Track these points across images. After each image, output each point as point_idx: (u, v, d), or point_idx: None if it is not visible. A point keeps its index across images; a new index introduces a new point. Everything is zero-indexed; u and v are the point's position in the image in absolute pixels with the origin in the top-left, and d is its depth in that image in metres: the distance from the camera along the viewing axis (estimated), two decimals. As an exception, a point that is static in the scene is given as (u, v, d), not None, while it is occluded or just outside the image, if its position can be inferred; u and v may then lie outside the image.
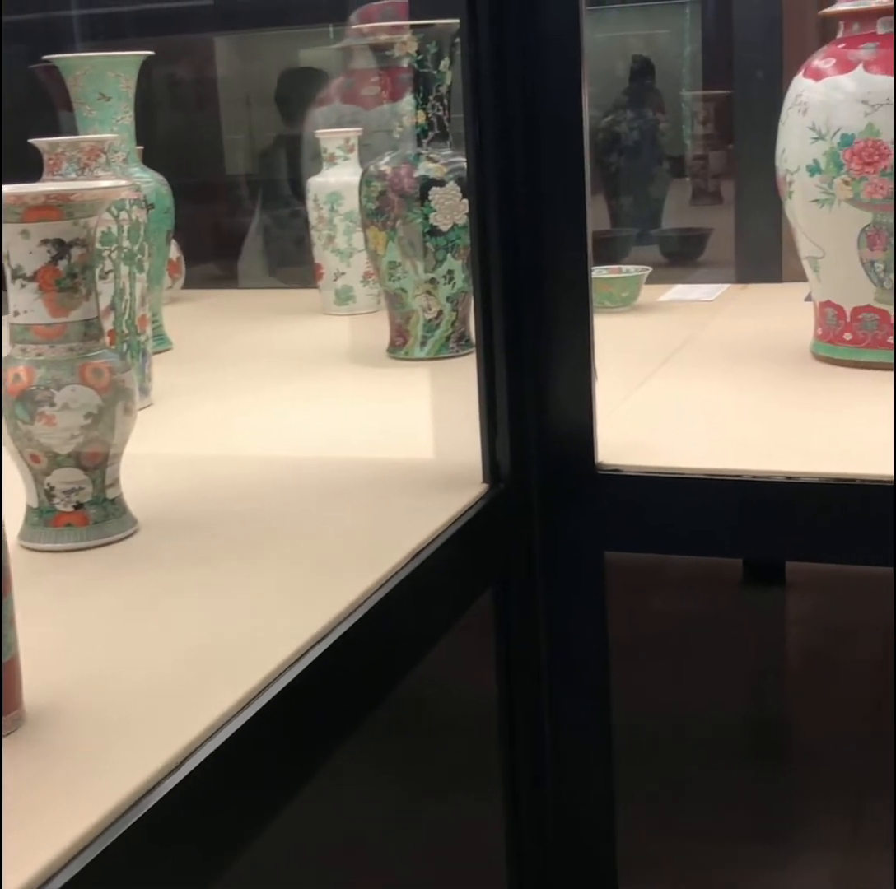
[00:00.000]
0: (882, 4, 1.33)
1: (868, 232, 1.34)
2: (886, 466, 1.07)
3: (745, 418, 1.27)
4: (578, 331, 1.09)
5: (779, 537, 1.12)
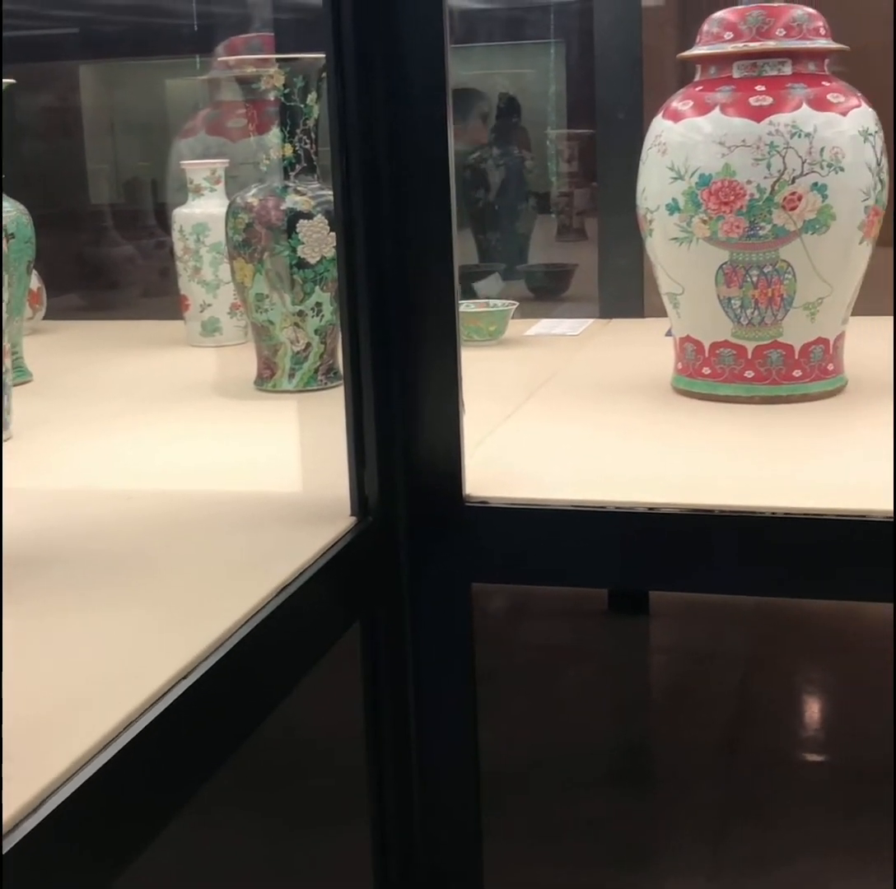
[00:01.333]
0: (737, 49, 1.37)
1: (725, 269, 1.38)
2: (742, 497, 1.10)
3: (608, 450, 1.29)
4: (446, 364, 1.10)
5: (641, 567, 1.14)
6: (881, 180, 1.38)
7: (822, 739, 1.82)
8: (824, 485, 1.14)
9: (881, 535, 1.05)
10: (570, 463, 1.26)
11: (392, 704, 1.13)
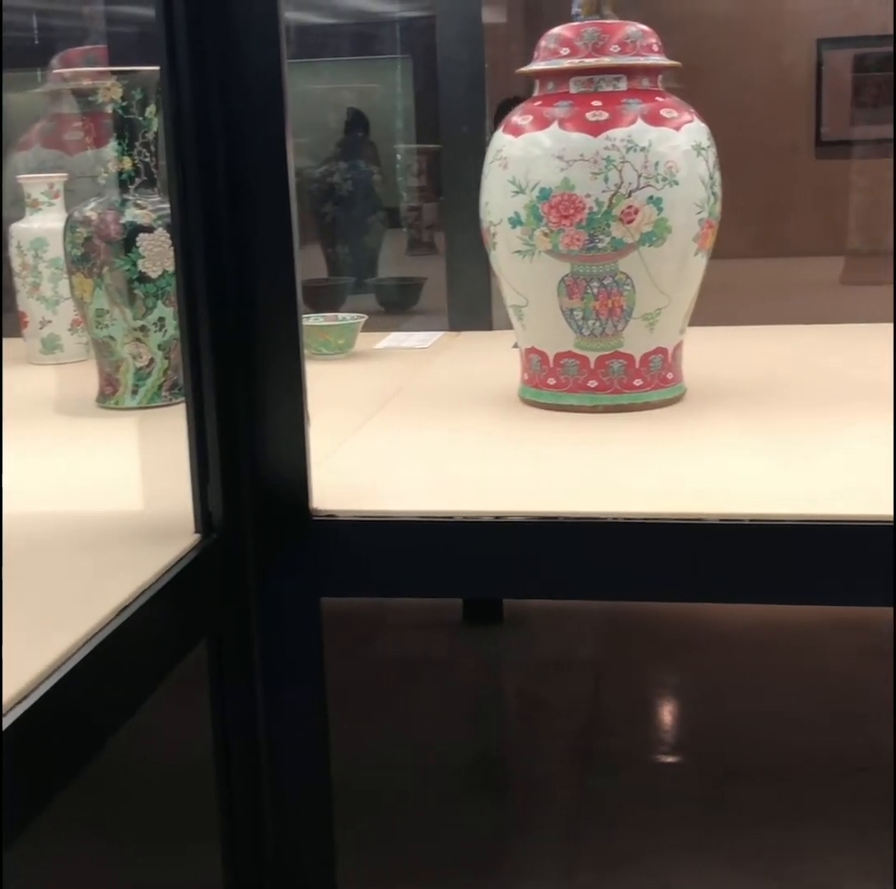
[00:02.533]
0: (573, 65, 1.40)
1: (567, 281, 1.40)
2: (587, 503, 1.12)
3: (456, 461, 1.30)
4: (290, 378, 1.09)
5: (491, 576, 1.14)
6: (714, 193, 1.42)
7: (672, 741, 1.85)
8: (665, 490, 1.17)
9: (717, 537, 1.08)
10: (418, 474, 1.27)
11: (241, 723, 1.12)
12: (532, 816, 1.65)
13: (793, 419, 1.40)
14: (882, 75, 3.30)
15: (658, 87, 1.43)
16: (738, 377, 1.61)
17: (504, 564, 1.13)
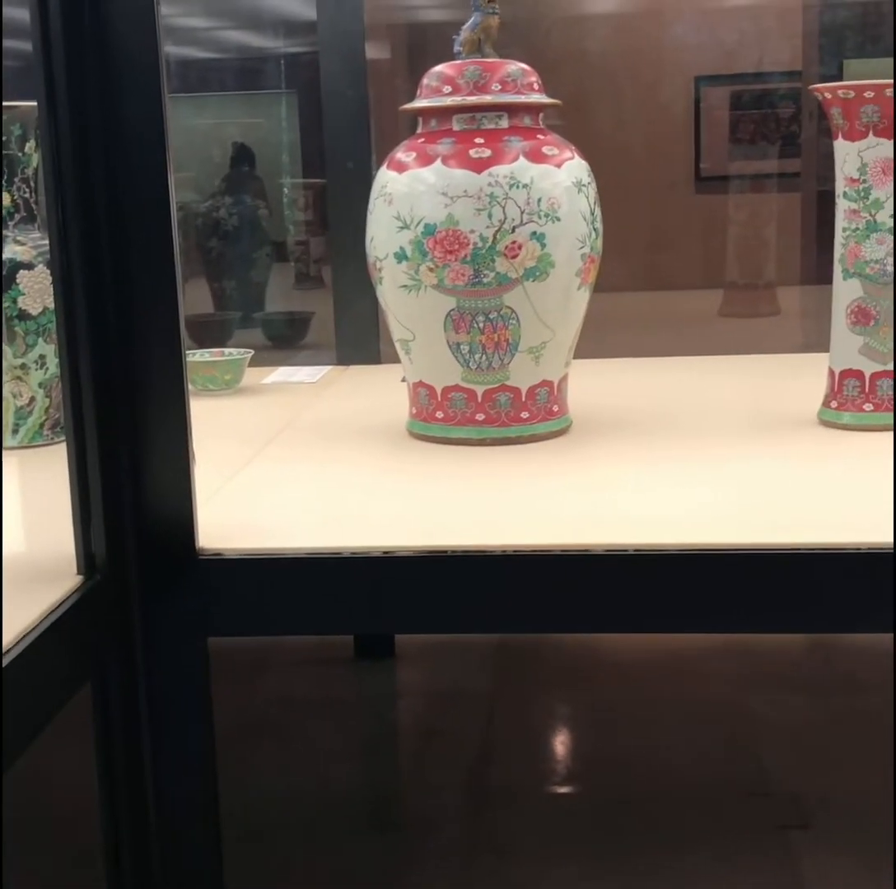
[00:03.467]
0: (456, 103, 1.41)
1: (453, 316, 1.41)
2: (476, 537, 1.12)
3: (345, 496, 1.30)
4: (174, 415, 1.08)
5: (381, 611, 1.14)
6: (596, 229, 1.44)
7: (566, 771, 1.86)
8: (553, 521, 1.18)
9: (603, 567, 1.09)
10: (306, 510, 1.26)
11: (127, 766, 1.09)
12: (426, 850, 1.64)
13: (675, 449, 1.43)
14: (758, 112, 3.40)
15: (539, 124, 1.45)
16: (622, 408, 1.63)
17: (394, 599, 1.13)
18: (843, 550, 1.07)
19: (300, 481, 1.37)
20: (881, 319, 1.44)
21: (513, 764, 1.86)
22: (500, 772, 1.84)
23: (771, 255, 3.10)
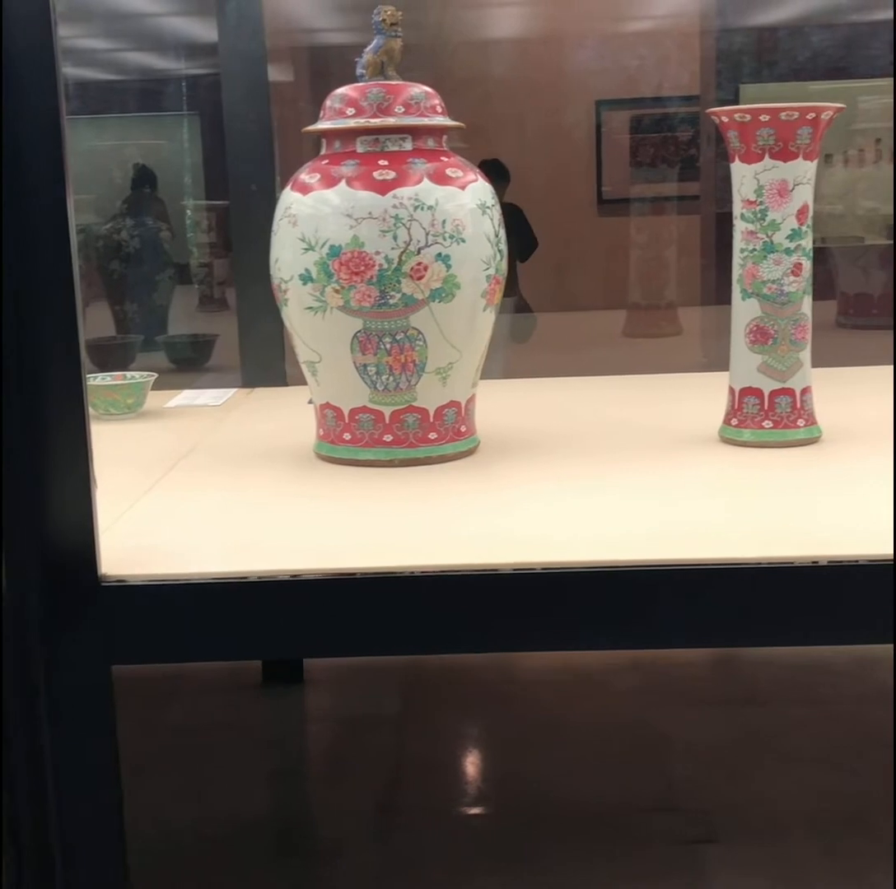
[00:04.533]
0: (360, 125, 1.41)
1: (360, 337, 1.41)
2: (385, 558, 1.12)
3: (251, 520, 1.28)
4: (75, 440, 1.06)
5: (289, 635, 1.13)
6: (500, 251, 1.45)
7: (476, 793, 1.86)
8: (461, 542, 1.18)
9: (511, 587, 1.10)
10: (212, 534, 1.25)
11: (30, 797, 1.07)
12: (337, 873, 1.63)
13: (581, 468, 1.44)
14: (657, 136, 3.45)
15: (443, 146, 1.46)
16: (529, 428, 1.64)
17: (302, 623, 1.12)
18: (752, 565, 1.09)
19: (205, 506, 1.35)
20: (779, 338, 1.47)
21: (423, 786, 1.86)
22: (410, 794, 1.83)
23: (672, 276, 3.15)
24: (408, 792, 1.84)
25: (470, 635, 1.14)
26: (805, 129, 1.42)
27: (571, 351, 2.64)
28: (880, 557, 1.09)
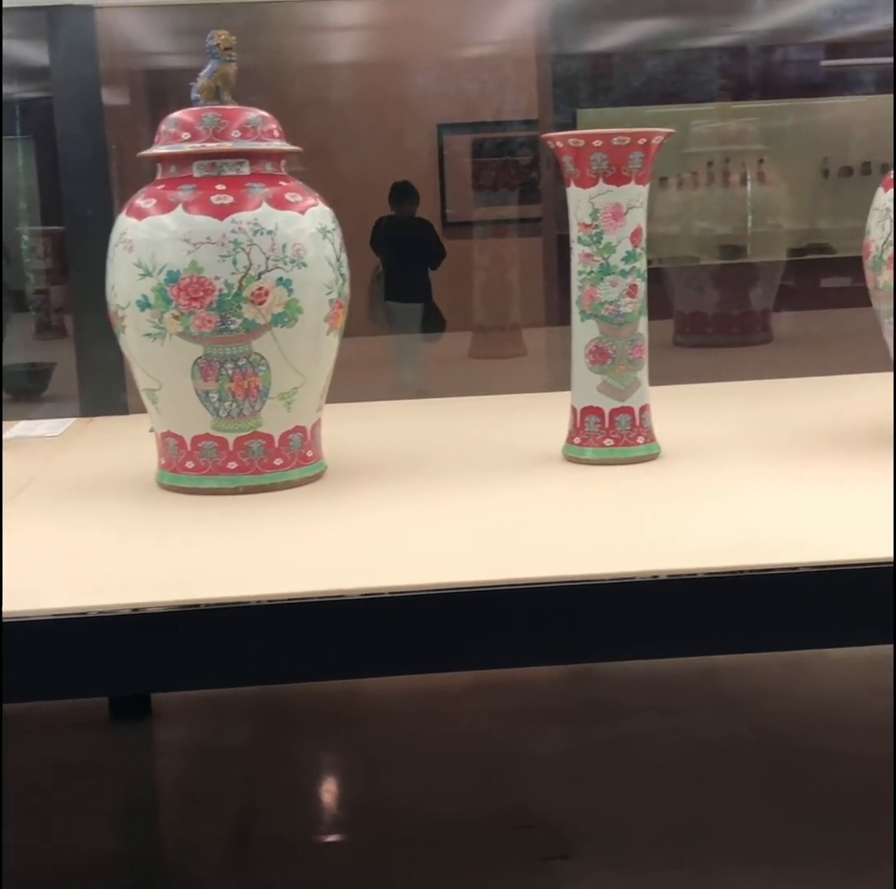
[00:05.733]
0: (196, 149, 1.40)
1: (201, 363, 1.39)
2: (231, 588, 1.10)
3: (92, 553, 1.25)
4: None
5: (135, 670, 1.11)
6: (342, 274, 1.45)
7: (333, 819, 1.85)
8: (309, 568, 1.17)
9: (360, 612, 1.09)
10: (50, 571, 1.21)
11: None
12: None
13: (428, 491, 1.44)
14: (499, 160, 3.50)
15: (281, 171, 1.45)
16: (376, 451, 1.64)
17: (147, 657, 1.09)
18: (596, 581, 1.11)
19: (44, 540, 1.32)
20: (617, 358, 1.50)
21: (278, 815, 1.83)
22: (266, 824, 1.80)
23: (516, 297, 3.19)
24: (263, 821, 1.81)
25: (319, 662, 1.13)
26: (637, 153, 1.45)
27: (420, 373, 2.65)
28: (719, 570, 1.12)
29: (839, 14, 3.34)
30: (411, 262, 3.31)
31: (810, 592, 1.13)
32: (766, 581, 1.12)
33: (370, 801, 1.87)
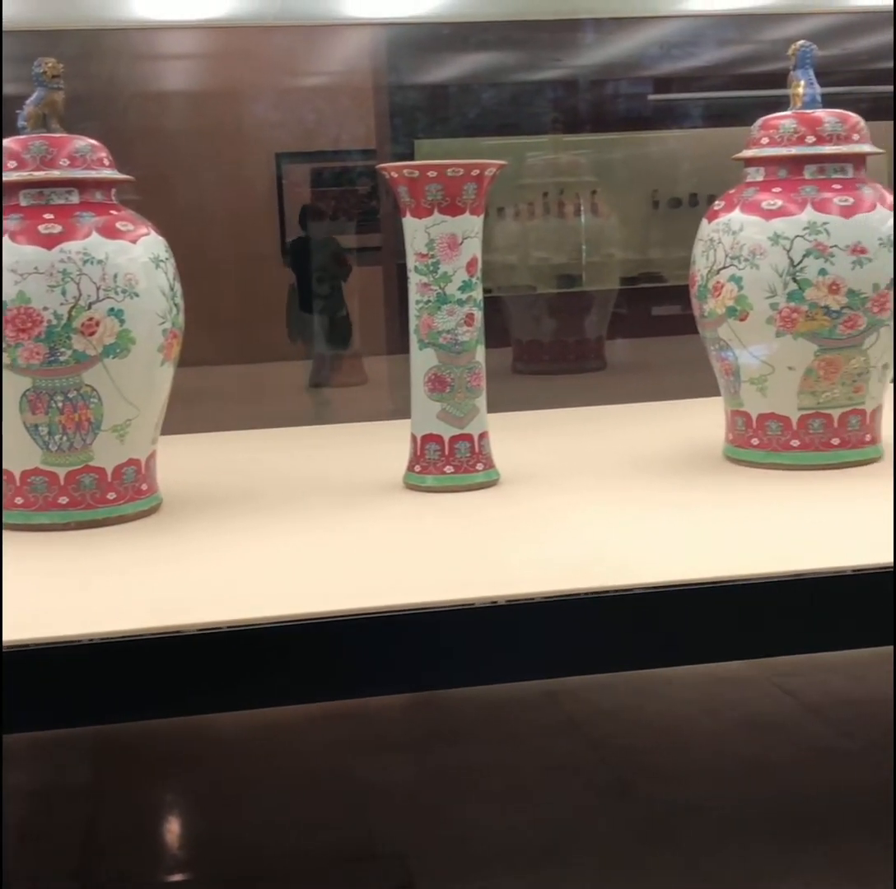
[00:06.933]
0: (22, 178, 1.37)
1: (29, 396, 1.36)
2: (63, 627, 1.07)
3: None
4: None
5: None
6: (176, 304, 1.43)
7: (180, 857, 1.81)
8: (144, 604, 1.15)
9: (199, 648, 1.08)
10: None
11: None
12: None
13: (268, 523, 1.43)
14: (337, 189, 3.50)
15: (112, 200, 1.43)
16: (213, 484, 1.62)
17: None
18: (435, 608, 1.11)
19: None
20: (456, 386, 1.51)
21: (122, 855, 1.78)
22: (109, 865, 1.75)
23: (357, 326, 3.20)
24: (107, 863, 1.76)
25: (157, 699, 1.11)
26: (470, 184, 1.47)
27: (256, 403, 2.63)
28: (557, 593, 1.14)
29: (666, 49, 3.45)
30: (323, 278, 3.32)
31: (644, 614, 1.16)
32: (605, 603, 1.15)
33: (216, 837, 1.83)
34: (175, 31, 3.12)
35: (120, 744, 2.09)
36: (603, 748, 2.01)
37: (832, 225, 1.51)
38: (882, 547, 1.23)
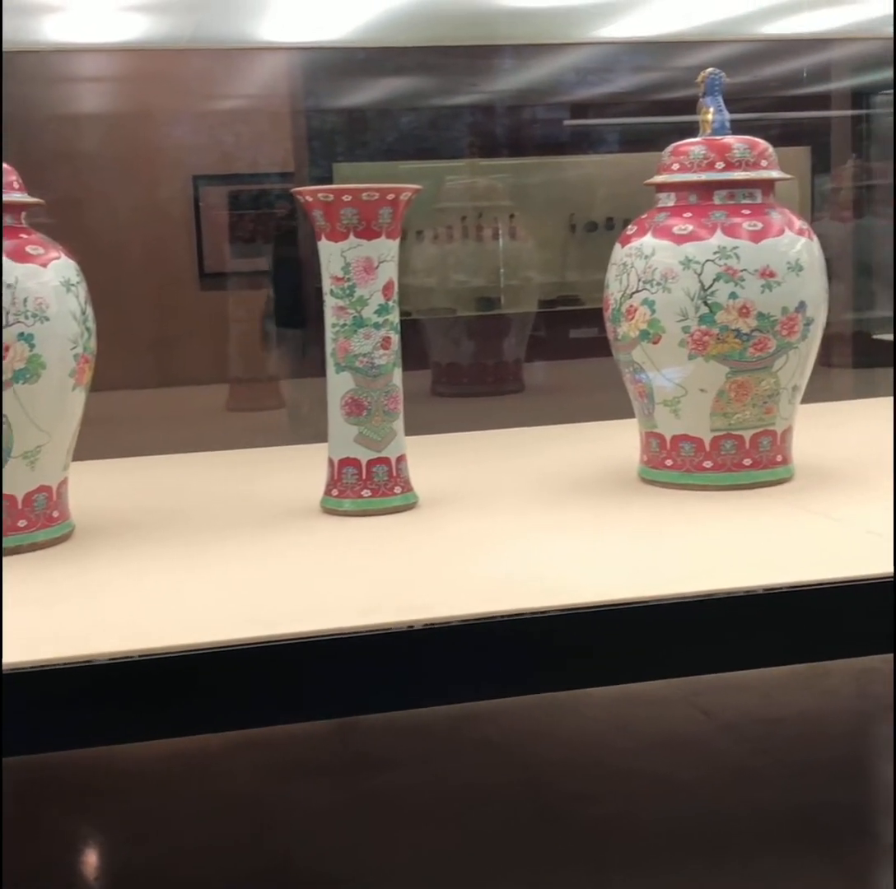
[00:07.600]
0: None
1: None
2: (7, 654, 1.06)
3: None
4: None
5: None
6: (88, 329, 1.42)
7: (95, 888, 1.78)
8: (54, 634, 1.13)
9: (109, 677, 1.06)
10: None
11: None
12: None
13: (183, 549, 1.42)
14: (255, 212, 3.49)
15: (22, 223, 1.41)
16: (128, 509, 1.60)
17: None
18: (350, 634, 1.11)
19: None
20: (373, 409, 1.51)
21: None
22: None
23: (273, 349, 3.19)
24: None
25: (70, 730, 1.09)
26: (386, 209, 1.48)
27: (174, 427, 2.60)
28: (474, 616, 1.14)
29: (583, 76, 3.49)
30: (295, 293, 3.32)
31: (559, 636, 1.16)
32: (519, 625, 1.15)
33: (127, 871, 1.81)
34: (90, 54, 3.09)
35: (33, 776, 2.05)
36: (523, 769, 2.02)
37: (742, 249, 1.53)
38: (793, 566, 1.25)
